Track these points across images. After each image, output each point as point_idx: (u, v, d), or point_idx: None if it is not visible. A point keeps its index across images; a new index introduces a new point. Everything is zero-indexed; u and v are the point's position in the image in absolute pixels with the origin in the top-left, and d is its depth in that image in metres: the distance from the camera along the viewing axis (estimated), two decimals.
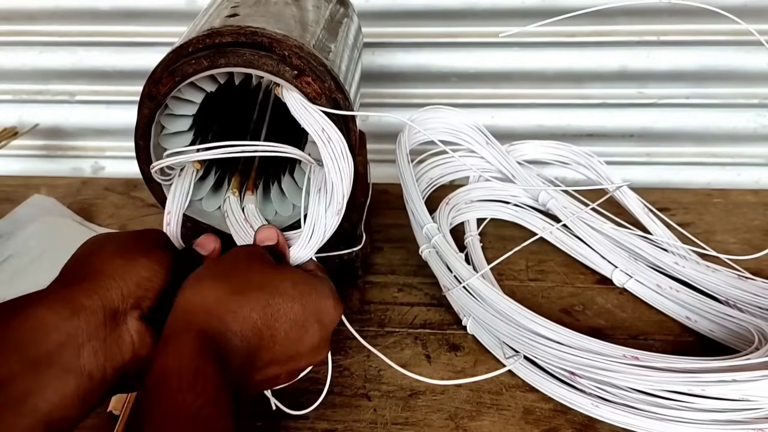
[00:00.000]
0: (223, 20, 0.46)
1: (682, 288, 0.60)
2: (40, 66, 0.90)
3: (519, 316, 0.52)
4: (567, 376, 0.51)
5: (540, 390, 0.52)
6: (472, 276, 0.56)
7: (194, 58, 0.43)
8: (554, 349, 0.50)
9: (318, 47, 0.47)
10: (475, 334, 0.57)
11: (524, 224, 0.70)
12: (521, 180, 0.70)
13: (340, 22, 0.58)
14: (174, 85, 0.44)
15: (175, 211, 0.49)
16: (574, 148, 0.72)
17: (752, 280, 0.59)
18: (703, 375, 0.46)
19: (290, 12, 0.51)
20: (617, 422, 0.48)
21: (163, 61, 0.45)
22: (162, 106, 0.45)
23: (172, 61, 0.44)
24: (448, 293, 0.58)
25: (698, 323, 0.58)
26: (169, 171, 0.50)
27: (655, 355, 0.48)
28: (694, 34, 0.81)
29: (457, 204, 0.69)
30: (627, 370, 0.47)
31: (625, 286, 0.62)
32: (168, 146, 0.49)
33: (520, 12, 0.81)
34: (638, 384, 0.47)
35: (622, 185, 0.67)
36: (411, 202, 0.63)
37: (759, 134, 0.88)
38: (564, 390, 0.51)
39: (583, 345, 0.50)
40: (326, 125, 0.44)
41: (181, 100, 0.46)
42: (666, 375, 0.46)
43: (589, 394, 0.50)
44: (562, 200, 0.68)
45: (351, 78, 0.53)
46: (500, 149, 0.71)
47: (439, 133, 0.69)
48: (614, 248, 0.64)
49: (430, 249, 0.61)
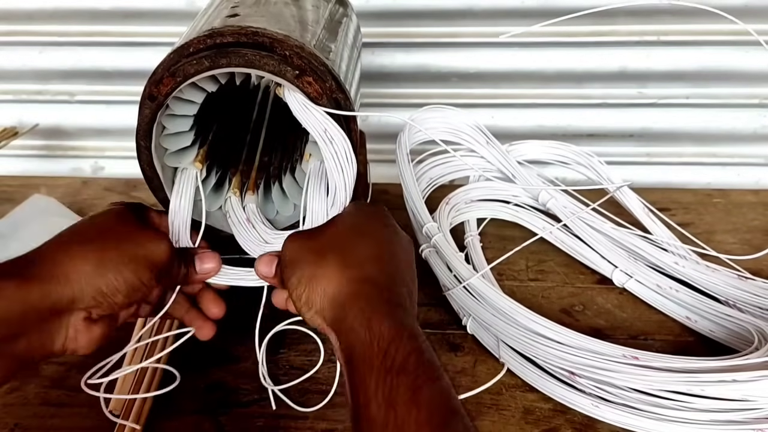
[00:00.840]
0: (223, 20, 0.46)
1: (681, 288, 0.60)
2: (40, 66, 0.90)
3: (519, 316, 0.52)
4: (567, 375, 0.51)
5: (540, 390, 0.52)
6: (472, 276, 0.56)
7: (195, 58, 0.43)
8: (554, 349, 0.50)
9: (318, 47, 0.47)
10: (475, 333, 0.57)
11: (524, 224, 0.70)
12: (521, 180, 0.70)
13: (339, 21, 0.58)
14: (175, 86, 0.44)
15: (182, 213, 0.49)
16: (574, 147, 0.72)
17: (752, 280, 0.60)
18: (702, 375, 0.46)
19: (289, 12, 0.51)
20: (617, 422, 0.48)
21: (164, 62, 0.45)
22: (163, 106, 0.45)
23: (173, 61, 0.44)
24: (448, 293, 0.58)
25: (698, 323, 0.58)
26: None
27: (654, 354, 0.49)
28: (694, 34, 0.81)
29: (457, 204, 0.69)
30: (627, 370, 0.47)
31: (625, 286, 0.62)
32: (169, 146, 0.49)
33: (520, 12, 0.81)
34: (638, 384, 0.47)
35: (623, 185, 0.67)
36: (411, 202, 0.63)
37: (759, 134, 0.88)
38: (564, 390, 0.51)
39: (583, 345, 0.50)
40: (329, 125, 0.44)
41: (182, 100, 0.46)
42: (665, 375, 0.46)
43: (588, 394, 0.50)
44: (562, 200, 0.68)
45: (351, 78, 0.53)
46: (500, 149, 0.71)
47: (439, 133, 0.69)
48: (614, 248, 0.64)
49: (430, 248, 0.61)
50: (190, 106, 0.47)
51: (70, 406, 0.52)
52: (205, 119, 0.51)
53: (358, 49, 0.62)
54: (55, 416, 0.51)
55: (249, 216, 0.51)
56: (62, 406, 0.52)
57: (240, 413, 0.51)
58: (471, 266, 0.60)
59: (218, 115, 0.54)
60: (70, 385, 0.53)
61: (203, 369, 0.54)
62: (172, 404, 0.51)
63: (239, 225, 0.51)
